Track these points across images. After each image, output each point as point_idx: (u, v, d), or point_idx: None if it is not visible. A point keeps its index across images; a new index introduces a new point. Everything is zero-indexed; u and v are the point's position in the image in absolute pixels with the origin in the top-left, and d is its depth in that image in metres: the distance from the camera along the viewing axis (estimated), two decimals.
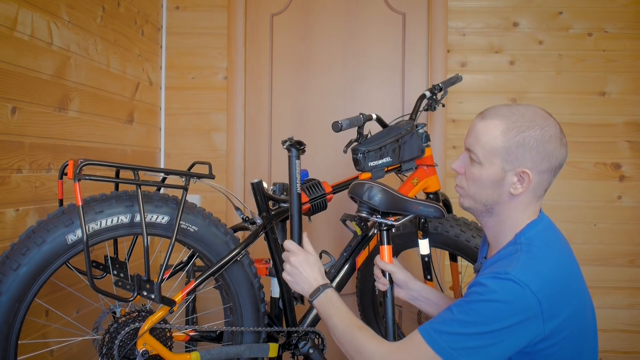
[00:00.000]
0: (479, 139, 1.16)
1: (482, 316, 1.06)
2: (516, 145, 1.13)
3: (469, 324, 1.07)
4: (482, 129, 1.16)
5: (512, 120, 1.14)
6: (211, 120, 2.64)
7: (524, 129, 1.13)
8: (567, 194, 2.53)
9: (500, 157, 1.14)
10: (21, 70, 1.57)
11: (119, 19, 2.16)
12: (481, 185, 1.18)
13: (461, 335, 1.07)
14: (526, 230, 1.16)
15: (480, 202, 1.20)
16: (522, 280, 1.05)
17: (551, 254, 1.13)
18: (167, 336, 1.48)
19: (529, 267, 1.08)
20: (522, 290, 1.05)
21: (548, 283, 1.08)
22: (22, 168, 1.58)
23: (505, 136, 1.13)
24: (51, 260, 1.29)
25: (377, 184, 1.49)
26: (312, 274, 1.37)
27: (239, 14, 2.63)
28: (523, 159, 1.13)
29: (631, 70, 2.52)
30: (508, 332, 1.06)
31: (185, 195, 1.42)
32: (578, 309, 1.12)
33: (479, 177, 1.18)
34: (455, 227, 1.89)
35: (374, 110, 2.26)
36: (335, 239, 2.63)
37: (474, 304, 1.08)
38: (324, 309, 1.30)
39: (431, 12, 2.60)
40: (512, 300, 1.05)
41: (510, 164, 1.14)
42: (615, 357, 2.52)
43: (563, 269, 1.13)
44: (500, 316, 1.05)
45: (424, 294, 1.49)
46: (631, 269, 2.52)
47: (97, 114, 2.01)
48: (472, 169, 1.19)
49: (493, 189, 1.17)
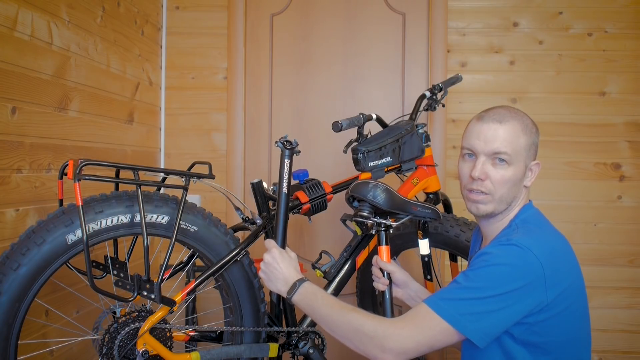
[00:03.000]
0: (507, 141, 1.21)
1: (489, 280, 1.08)
2: (532, 143, 1.25)
3: (476, 290, 1.08)
4: (506, 132, 1.22)
5: (520, 120, 1.25)
6: (211, 120, 2.64)
7: (532, 126, 1.26)
8: (567, 194, 2.53)
9: (524, 155, 1.23)
10: (21, 70, 1.57)
11: (119, 19, 2.16)
12: (510, 185, 1.23)
13: (468, 300, 1.08)
14: (519, 214, 1.24)
15: (506, 202, 1.24)
16: (525, 244, 1.10)
17: (546, 230, 1.21)
18: (167, 336, 1.48)
19: (528, 236, 1.14)
20: (526, 254, 1.09)
21: (548, 251, 1.12)
22: (22, 168, 1.58)
23: (525, 134, 1.23)
24: (51, 260, 1.29)
25: (380, 184, 1.50)
26: (287, 270, 1.35)
27: (239, 14, 2.63)
28: (535, 153, 1.27)
29: (631, 70, 2.52)
30: (514, 295, 1.08)
31: (185, 195, 1.42)
32: (575, 284, 1.16)
33: (509, 178, 1.22)
34: (455, 227, 1.89)
35: (374, 110, 2.26)
36: (335, 239, 2.63)
37: (479, 270, 1.10)
38: (307, 303, 1.28)
39: (431, 12, 2.60)
40: (517, 263, 1.08)
41: (529, 159, 1.25)
42: (615, 357, 2.52)
43: (559, 244, 1.19)
44: (507, 279, 1.08)
45: (420, 295, 1.50)
46: (631, 269, 2.52)
47: (97, 114, 2.01)
48: (500, 171, 1.22)
49: (518, 185, 1.24)
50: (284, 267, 1.36)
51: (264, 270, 1.39)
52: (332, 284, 1.75)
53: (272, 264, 1.37)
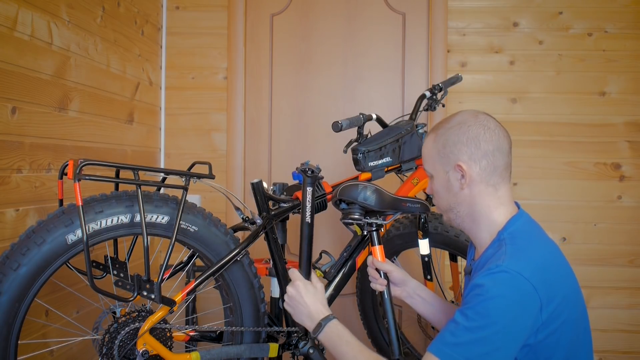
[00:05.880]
0: (424, 156, 1.30)
1: (487, 317, 1.07)
2: (443, 146, 1.23)
3: (477, 329, 1.07)
4: (424, 149, 1.30)
5: (438, 130, 1.26)
6: (211, 120, 2.64)
7: (445, 131, 1.24)
8: (567, 194, 2.53)
9: (438, 163, 1.25)
10: (21, 70, 1.57)
11: (119, 19, 2.16)
12: (438, 194, 1.28)
13: (473, 343, 1.07)
14: (507, 227, 1.21)
15: (448, 210, 1.27)
16: (514, 269, 1.09)
17: (535, 243, 1.18)
18: (167, 336, 1.48)
19: (518, 258, 1.12)
20: (516, 280, 1.08)
21: (538, 269, 1.11)
22: (22, 168, 1.58)
23: (434, 143, 1.26)
24: (51, 260, 1.29)
25: (369, 184, 1.50)
26: (313, 305, 1.31)
27: (239, 14, 2.63)
28: (454, 155, 1.22)
29: (631, 70, 2.52)
30: (514, 325, 1.07)
31: (185, 195, 1.42)
32: (570, 293, 1.15)
33: (435, 189, 1.29)
34: (455, 227, 1.89)
35: (374, 110, 2.26)
36: (335, 239, 2.63)
37: (477, 307, 1.08)
38: (331, 344, 1.25)
39: (431, 12, 2.60)
40: (509, 293, 1.07)
41: (446, 164, 1.23)
42: (615, 357, 2.52)
43: (549, 255, 1.17)
44: (504, 311, 1.06)
45: (418, 292, 1.49)
46: (631, 269, 2.52)
47: (97, 114, 2.01)
48: (431, 184, 1.30)
49: (447, 192, 1.26)
50: (309, 302, 1.31)
51: (289, 303, 1.35)
52: (332, 284, 1.75)
53: (296, 298, 1.33)
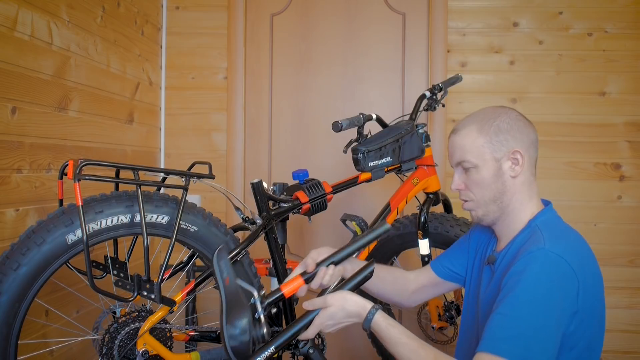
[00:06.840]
0: (464, 148, 1.25)
1: (535, 303, 1.04)
2: (495, 134, 1.22)
3: (528, 319, 1.04)
4: (461, 140, 1.25)
5: (479, 119, 1.24)
6: (211, 120, 2.64)
7: (492, 120, 1.23)
8: (567, 194, 2.53)
9: (488, 151, 1.22)
10: (21, 70, 1.57)
11: (119, 19, 2.16)
12: (485, 184, 1.23)
13: (527, 333, 1.03)
14: (538, 217, 1.22)
15: (491, 201, 1.24)
16: (555, 251, 1.09)
17: (568, 232, 1.19)
18: (167, 336, 1.48)
19: (558, 242, 1.12)
20: (559, 262, 1.08)
21: (576, 254, 1.11)
22: (22, 168, 1.58)
23: (482, 132, 1.23)
24: (51, 260, 1.29)
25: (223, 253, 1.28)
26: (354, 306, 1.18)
27: (239, 14, 2.63)
28: (507, 143, 1.21)
29: (631, 70, 2.52)
30: (560, 308, 1.05)
31: (185, 195, 1.42)
32: (597, 283, 1.16)
33: (481, 178, 1.23)
34: (455, 227, 1.89)
35: (374, 110, 2.26)
36: (335, 239, 2.63)
37: (521, 292, 1.06)
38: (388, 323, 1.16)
39: (431, 12, 2.60)
40: (554, 273, 1.07)
41: (499, 151, 1.21)
42: (615, 357, 2.52)
43: (582, 245, 1.18)
44: (550, 294, 1.05)
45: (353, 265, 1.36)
46: (631, 269, 2.52)
47: (97, 114, 2.01)
48: (471, 176, 1.25)
49: (496, 182, 1.22)
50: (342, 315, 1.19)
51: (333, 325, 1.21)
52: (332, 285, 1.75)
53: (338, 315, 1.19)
